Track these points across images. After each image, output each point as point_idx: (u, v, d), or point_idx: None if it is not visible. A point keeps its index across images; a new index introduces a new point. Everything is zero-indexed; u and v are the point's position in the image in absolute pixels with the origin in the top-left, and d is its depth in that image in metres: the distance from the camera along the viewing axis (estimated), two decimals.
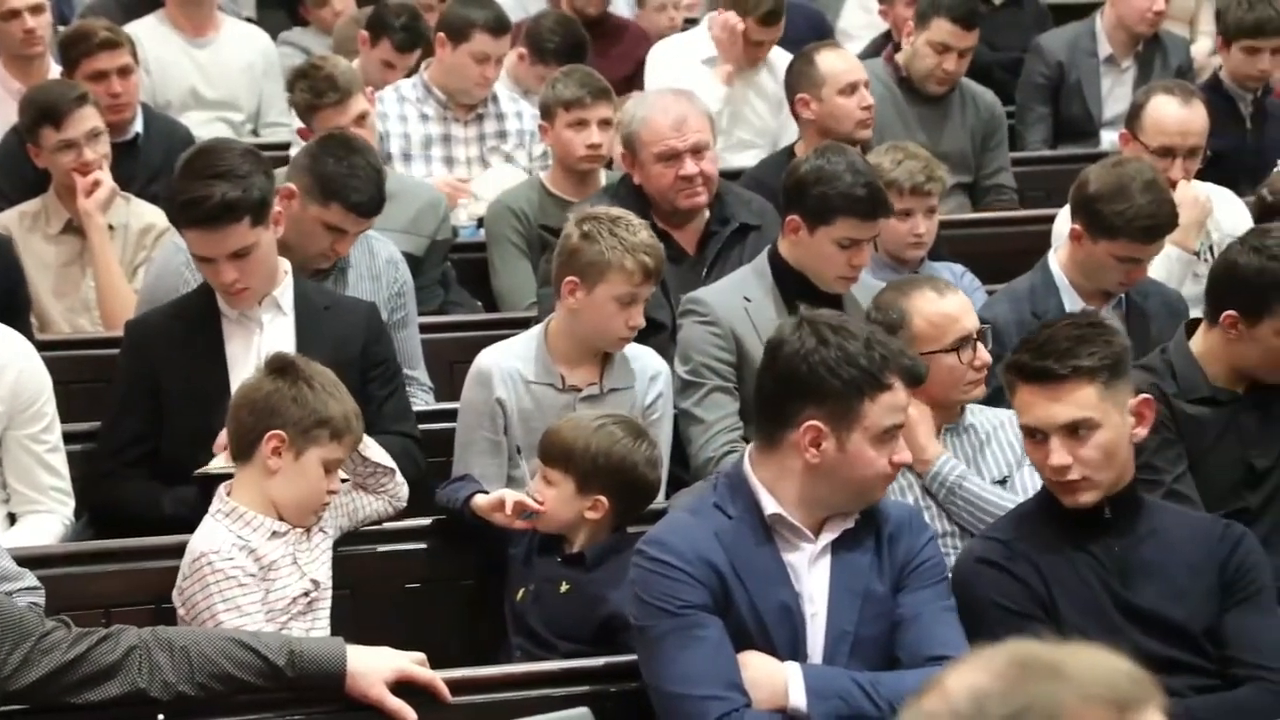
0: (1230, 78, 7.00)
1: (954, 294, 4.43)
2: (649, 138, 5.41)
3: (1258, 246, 4.37)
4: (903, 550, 3.62)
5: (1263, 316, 4.34)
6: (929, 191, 5.45)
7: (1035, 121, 7.62)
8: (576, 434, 4.18)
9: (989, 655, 1.81)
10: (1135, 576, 3.69)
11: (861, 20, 8.82)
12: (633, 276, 4.57)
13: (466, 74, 6.67)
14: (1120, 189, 4.81)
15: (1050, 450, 3.66)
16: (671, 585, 3.51)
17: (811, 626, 3.57)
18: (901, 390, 3.54)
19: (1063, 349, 3.65)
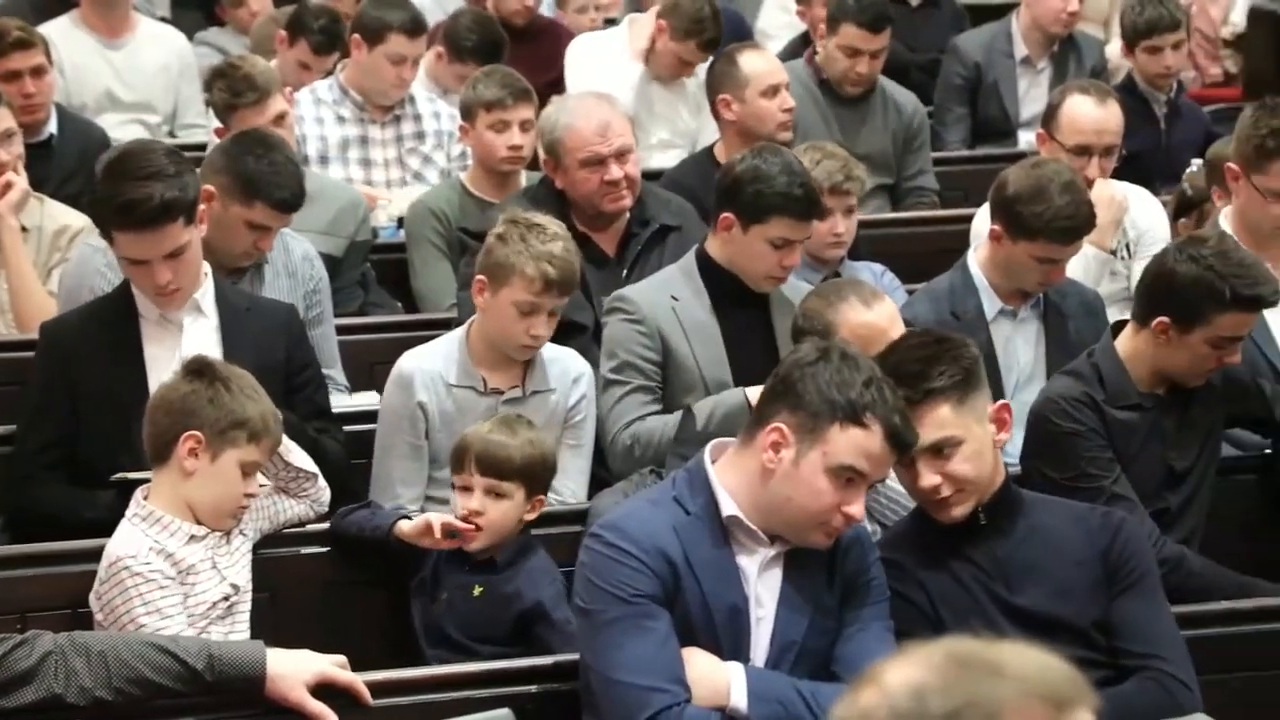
0: (1142, 79, 7.10)
1: (881, 304, 4.42)
2: (573, 143, 5.40)
3: (1195, 256, 4.39)
4: (854, 564, 3.61)
5: (1195, 325, 4.37)
6: (847, 191, 5.46)
7: (953, 122, 7.67)
8: (522, 443, 4.19)
9: (925, 652, 1.81)
10: (1019, 578, 3.70)
11: (780, 21, 8.85)
12: (533, 284, 4.55)
13: (382, 76, 6.63)
14: (1039, 190, 4.84)
15: (918, 473, 3.66)
16: (626, 573, 3.48)
17: (757, 631, 3.56)
18: (877, 439, 3.46)
19: (914, 372, 3.65)
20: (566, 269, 4.59)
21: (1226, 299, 4.33)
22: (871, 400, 3.45)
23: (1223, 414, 4.61)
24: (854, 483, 3.47)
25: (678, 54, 7.10)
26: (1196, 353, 4.39)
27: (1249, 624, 4.01)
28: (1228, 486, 4.67)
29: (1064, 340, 4.95)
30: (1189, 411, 4.51)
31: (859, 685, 1.82)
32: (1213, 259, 4.36)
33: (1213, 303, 4.34)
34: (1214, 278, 4.34)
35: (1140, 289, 4.56)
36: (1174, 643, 3.70)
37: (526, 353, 4.66)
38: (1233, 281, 4.33)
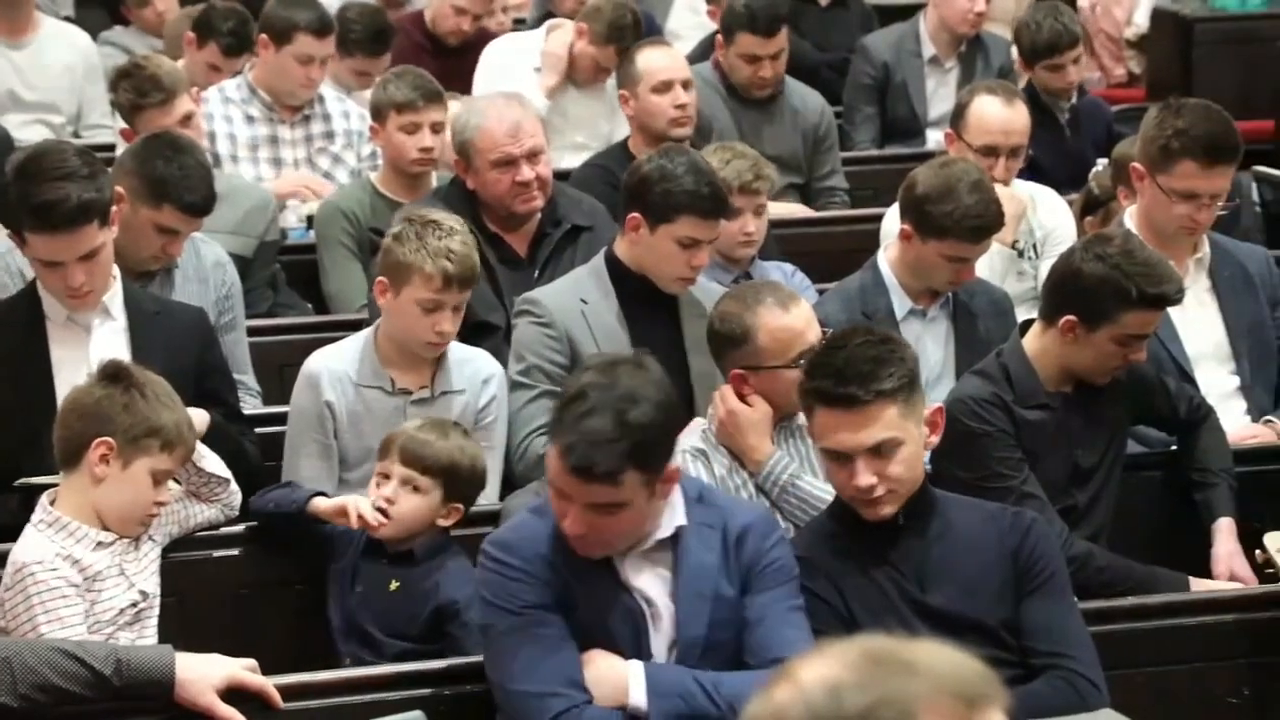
0: (1043, 92, 7.12)
1: (797, 306, 4.41)
2: (484, 144, 5.39)
3: (1101, 254, 4.43)
4: (749, 552, 3.61)
5: (1101, 323, 4.41)
6: (757, 190, 5.48)
7: (862, 122, 7.70)
8: (450, 446, 4.19)
9: (839, 649, 1.82)
10: (931, 578, 3.72)
11: (690, 21, 8.87)
12: (432, 281, 4.54)
13: (291, 76, 6.59)
14: (948, 190, 4.87)
15: (856, 472, 3.66)
16: (511, 585, 3.52)
17: (655, 628, 3.57)
18: (556, 459, 3.49)
19: (865, 372, 3.64)
20: (465, 264, 4.58)
21: (1132, 297, 4.37)
22: (560, 422, 3.51)
23: (1128, 411, 4.66)
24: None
25: (596, 59, 7.10)
26: (1103, 351, 4.43)
27: (1156, 619, 4.05)
28: (1133, 483, 4.71)
29: (973, 339, 4.98)
30: (1095, 409, 4.55)
31: (773, 682, 1.82)
32: (1119, 258, 4.40)
33: (1119, 301, 4.38)
34: (1120, 276, 4.38)
35: (1047, 287, 4.60)
36: (1082, 642, 3.73)
37: (434, 350, 4.65)
38: (1138, 280, 4.37)
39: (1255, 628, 4.03)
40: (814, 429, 3.73)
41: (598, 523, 3.47)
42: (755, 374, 4.32)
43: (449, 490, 4.18)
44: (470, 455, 4.23)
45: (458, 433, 4.27)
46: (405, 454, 4.17)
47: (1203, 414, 4.77)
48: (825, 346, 3.79)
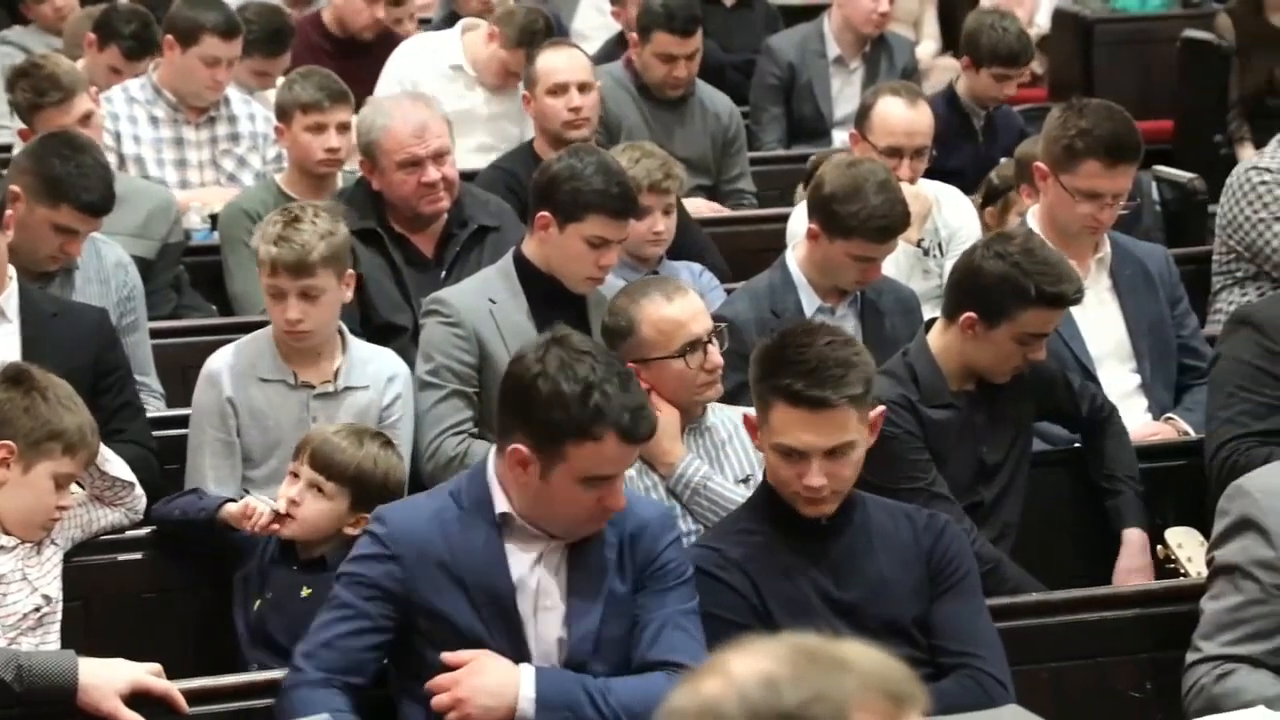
0: (969, 95, 7.14)
1: (683, 297, 4.43)
2: (390, 145, 5.37)
3: (1001, 252, 4.47)
4: (644, 550, 3.62)
5: (1001, 321, 4.45)
6: (666, 189, 5.48)
7: (769, 122, 7.73)
8: (362, 455, 4.15)
9: (769, 645, 1.82)
10: (848, 575, 3.73)
11: (596, 21, 8.87)
12: (264, 267, 4.58)
13: (196, 77, 6.53)
14: (855, 189, 4.89)
15: (810, 471, 3.66)
16: (367, 560, 3.57)
17: (544, 622, 3.56)
18: (612, 444, 3.46)
19: (837, 376, 3.64)
20: (293, 250, 4.53)
21: (1031, 296, 4.41)
22: (596, 411, 3.45)
23: (1032, 408, 4.70)
24: (608, 481, 3.50)
25: (506, 63, 7.09)
26: (1002, 349, 4.47)
27: (1058, 615, 4.08)
28: (1038, 480, 4.75)
29: (881, 338, 5.00)
30: (1000, 407, 4.59)
31: (700, 675, 1.82)
32: (1018, 256, 4.44)
33: (1017, 299, 4.42)
34: (1019, 275, 4.42)
35: (948, 285, 4.64)
36: (991, 642, 3.76)
37: (294, 339, 4.62)
38: (1037, 279, 4.41)
39: (1156, 623, 4.07)
40: (770, 424, 3.70)
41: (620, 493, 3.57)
42: (645, 367, 4.32)
43: (356, 499, 4.13)
44: (384, 467, 4.18)
45: (376, 443, 4.22)
46: (315, 457, 4.15)
47: (1105, 412, 4.81)
48: (786, 343, 3.73)
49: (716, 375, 4.40)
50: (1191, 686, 3.82)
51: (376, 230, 5.40)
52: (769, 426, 3.70)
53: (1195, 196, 6.63)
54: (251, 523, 4.14)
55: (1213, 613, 3.83)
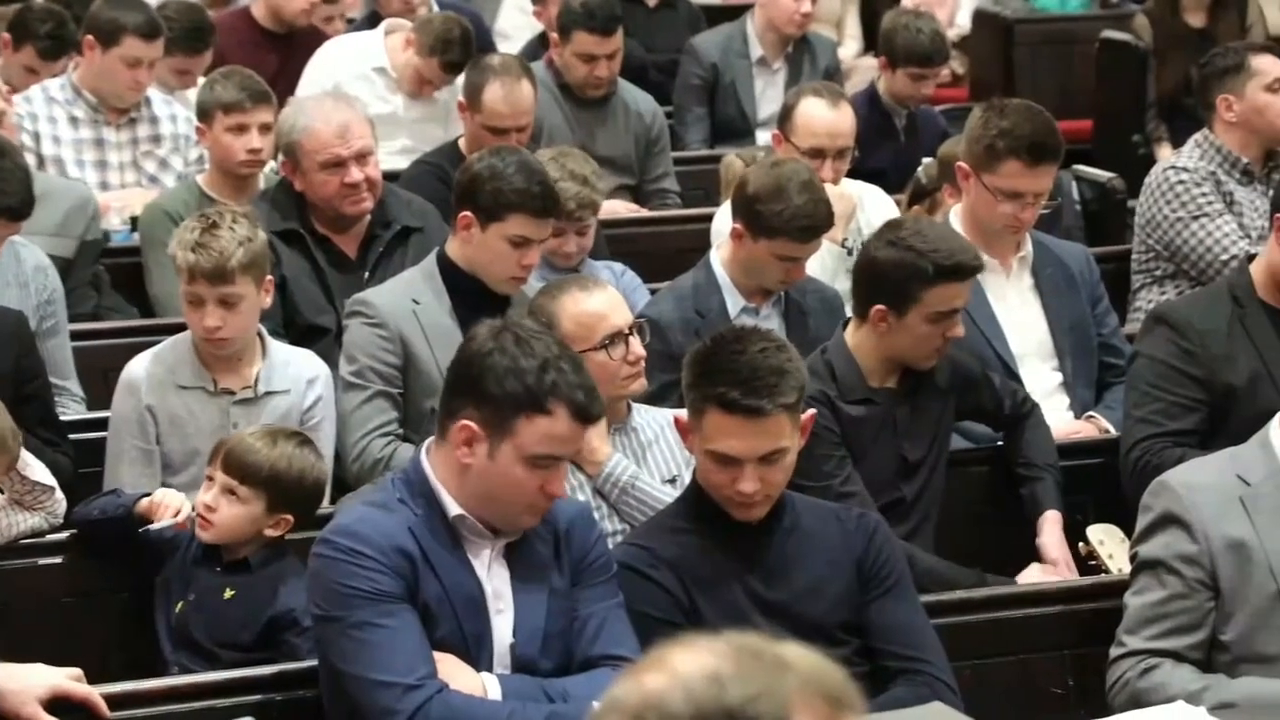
0: (889, 96, 7.18)
1: (602, 291, 4.43)
2: (312, 146, 5.34)
3: (892, 240, 4.51)
4: (578, 545, 3.62)
5: (908, 306, 4.47)
6: (580, 218, 5.45)
7: (693, 122, 7.74)
8: (275, 456, 4.10)
9: (712, 642, 1.82)
10: (776, 575, 3.74)
11: (519, 21, 8.85)
12: (182, 274, 4.55)
13: (117, 78, 6.47)
14: (778, 189, 4.91)
15: (743, 477, 3.66)
16: (365, 574, 3.45)
17: (498, 623, 3.55)
18: (564, 421, 3.46)
19: (771, 385, 3.63)
20: (211, 258, 4.50)
21: (930, 274, 4.44)
22: (552, 385, 3.45)
23: (953, 405, 4.73)
24: (552, 465, 3.49)
25: (420, 69, 7.06)
26: (918, 333, 4.50)
27: (981, 612, 4.10)
28: (960, 477, 4.78)
29: (805, 337, 5.01)
30: (921, 403, 4.61)
31: (639, 669, 1.81)
32: (910, 239, 4.48)
33: (918, 280, 4.45)
34: (914, 256, 4.45)
35: (853, 283, 4.67)
36: (935, 645, 3.79)
37: (212, 347, 4.60)
38: (932, 256, 4.45)
39: (1078, 619, 4.10)
40: (703, 430, 3.68)
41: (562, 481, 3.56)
42: None
43: (273, 501, 4.09)
44: (299, 467, 4.13)
45: (291, 443, 4.17)
46: (228, 461, 4.11)
47: (1027, 410, 4.85)
48: (719, 349, 3.71)
49: (640, 367, 4.40)
50: (1116, 681, 3.85)
51: (299, 231, 5.37)
52: (702, 432, 3.70)
53: (1115, 196, 6.69)
54: (160, 514, 4.10)
55: (1136, 608, 3.86)
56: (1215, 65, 6.06)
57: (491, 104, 6.18)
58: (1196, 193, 5.86)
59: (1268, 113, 5.94)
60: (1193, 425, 4.64)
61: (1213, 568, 3.81)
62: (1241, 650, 3.80)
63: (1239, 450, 3.98)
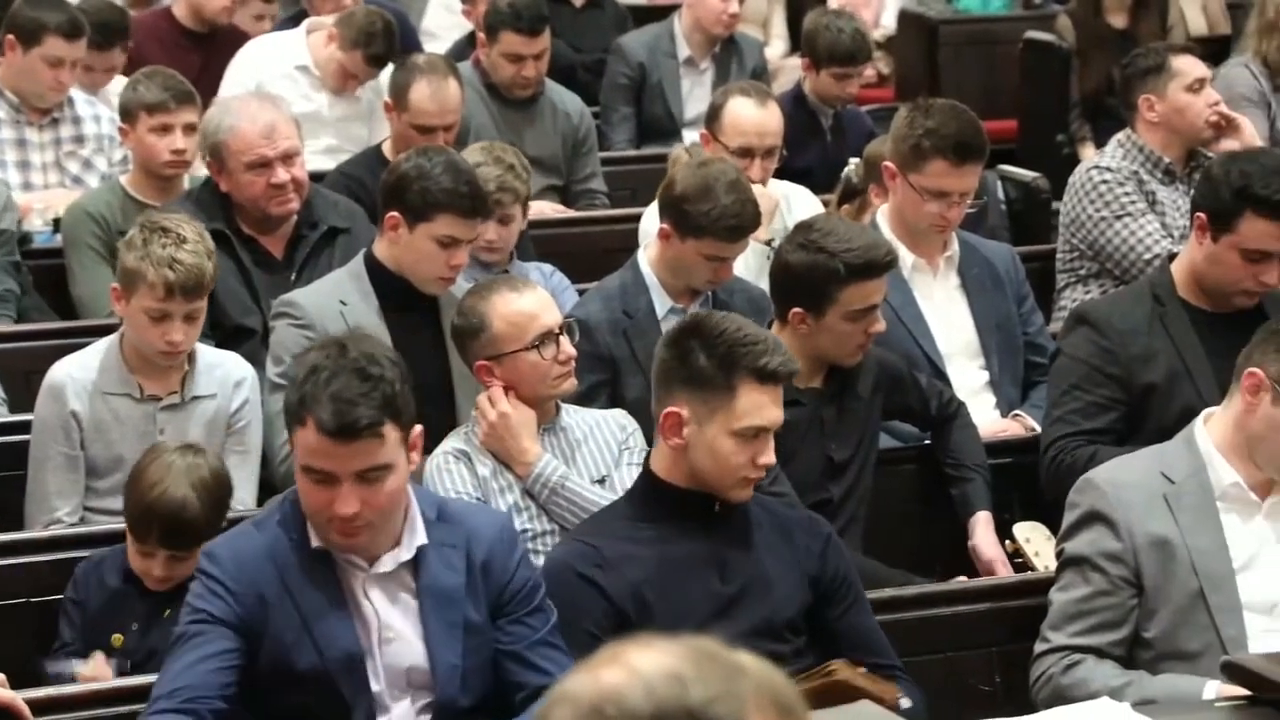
0: (815, 96, 7.19)
1: (532, 291, 4.44)
2: (238, 146, 5.31)
3: (803, 243, 4.54)
4: (496, 578, 3.56)
5: (825, 307, 4.50)
6: (499, 201, 5.43)
7: (620, 122, 7.74)
8: (206, 513, 4.04)
9: (667, 643, 1.82)
10: (732, 570, 3.75)
11: (446, 20, 8.82)
12: (155, 290, 4.48)
13: (39, 78, 6.41)
14: (705, 189, 4.91)
15: (766, 449, 3.70)
16: (204, 595, 3.44)
17: (388, 653, 3.49)
18: (315, 434, 3.36)
19: (788, 354, 3.76)
20: (190, 274, 4.50)
21: (842, 274, 4.47)
22: (304, 398, 3.38)
23: (880, 405, 4.75)
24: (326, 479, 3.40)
25: (343, 64, 7.03)
26: (838, 332, 4.52)
27: (910, 610, 4.12)
28: (887, 477, 4.80)
29: None
30: (847, 404, 4.63)
31: (596, 664, 1.81)
32: (820, 240, 4.51)
33: (832, 281, 4.48)
34: (825, 258, 4.48)
35: (770, 287, 4.70)
36: (892, 651, 3.85)
37: (168, 359, 4.57)
38: (843, 256, 4.47)
39: (1006, 616, 4.12)
40: (735, 409, 3.68)
41: (368, 496, 3.37)
42: (498, 363, 4.33)
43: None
44: (223, 509, 4.10)
45: (210, 487, 4.08)
46: (167, 538, 4.06)
47: (954, 409, 4.88)
48: (726, 326, 3.72)
49: (570, 367, 4.40)
50: (1039, 677, 3.88)
51: (225, 232, 5.33)
52: (732, 411, 3.68)
53: (1039, 195, 6.72)
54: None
55: (1061, 604, 3.90)
56: (1137, 66, 6.10)
57: (418, 102, 6.16)
58: (1120, 192, 5.90)
59: (1188, 113, 5.99)
60: (1107, 425, 4.68)
61: (1136, 565, 3.85)
62: (1164, 647, 3.84)
63: (1164, 448, 4.02)
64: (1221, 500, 3.90)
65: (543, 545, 4.25)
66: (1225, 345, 4.21)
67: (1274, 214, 4.56)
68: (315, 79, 7.12)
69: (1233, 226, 4.60)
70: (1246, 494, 3.91)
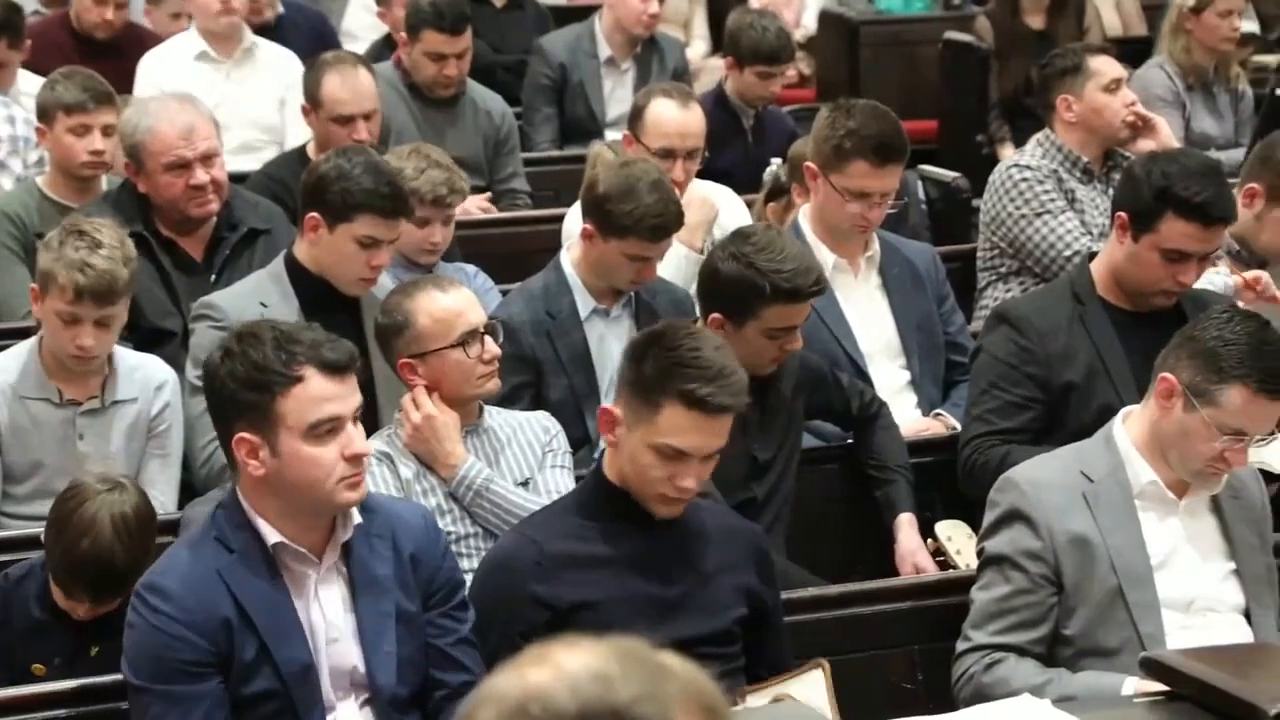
0: (737, 96, 7.22)
1: (457, 290, 4.43)
2: (157, 147, 5.27)
3: (736, 254, 4.53)
4: (427, 569, 3.56)
5: (745, 319, 4.51)
6: (450, 204, 5.44)
7: (542, 122, 7.73)
8: (132, 557, 3.90)
9: (593, 643, 1.82)
10: (676, 573, 3.75)
11: (365, 21, 8.80)
12: (65, 293, 4.45)
13: None
14: (628, 189, 4.92)
15: (687, 473, 3.65)
16: (169, 642, 3.36)
17: (335, 652, 3.47)
18: (319, 380, 3.37)
19: (736, 383, 3.65)
20: (101, 280, 4.46)
21: (767, 294, 4.48)
22: (289, 355, 3.38)
23: (802, 405, 4.76)
24: (331, 425, 3.40)
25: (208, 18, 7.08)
26: (755, 345, 4.53)
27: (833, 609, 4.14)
28: (811, 476, 4.82)
29: None
30: (770, 404, 4.64)
31: (521, 663, 1.81)
32: (753, 255, 4.51)
33: (755, 298, 4.49)
34: (754, 275, 4.49)
35: (697, 287, 4.70)
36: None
37: (80, 364, 4.54)
38: (772, 277, 4.48)
39: (928, 615, 4.14)
40: (656, 424, 3.64)
41: None
42: (423, 361, 4.31)
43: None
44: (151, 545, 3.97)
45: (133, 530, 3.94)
46: (96, 594, 3.95)
47: (876, 409, 4.90)
48: (678, 343, 3.67)
49: (494, 367, 4.40)
50: (961, 676, 3.90)
51: (143, 234, 5.29)
52: (654, 425, 3.65)
53: (959, 195, 6.77)
54: None
55: (982, 602, 3.92)
56: (1055, 66, 6.15)
57: (331, 93, 6.15)
58: (1039, 190, 5.95)
59: (1105, 113, 6.05)
60: (1022, 424, 4.71)
61: (1056, 563, 3.88)
62: (1083, 644, 3.88)
63: (1083, 446, 4.05)
64: (1139, 499, 3.94)
65: (466, 548, 4.25)
66: (1144, 344, 4.24)
67: (1194, 215, 4.61)
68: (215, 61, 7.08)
69: (1153, 227, 4.64)
70: (1164, 493, 3.95)
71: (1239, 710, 3.47)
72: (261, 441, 3.39)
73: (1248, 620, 3.95)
